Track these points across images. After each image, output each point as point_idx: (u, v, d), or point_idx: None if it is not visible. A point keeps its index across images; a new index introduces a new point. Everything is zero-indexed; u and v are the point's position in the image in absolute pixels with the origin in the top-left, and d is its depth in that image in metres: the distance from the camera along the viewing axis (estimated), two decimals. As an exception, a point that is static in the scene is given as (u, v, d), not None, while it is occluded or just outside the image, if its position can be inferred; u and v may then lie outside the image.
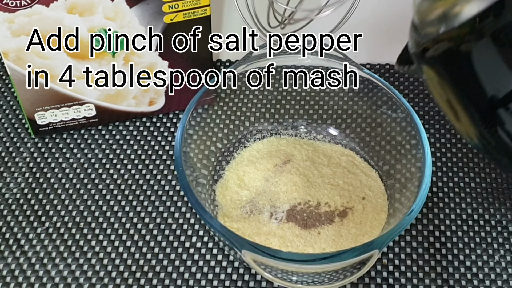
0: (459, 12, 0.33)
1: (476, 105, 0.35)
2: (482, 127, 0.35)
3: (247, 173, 0.63)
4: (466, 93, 0.35)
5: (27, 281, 0.58)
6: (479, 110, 0.35)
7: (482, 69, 0.33)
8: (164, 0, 0.60)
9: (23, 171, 0.66)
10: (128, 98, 0.66)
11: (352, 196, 0.61)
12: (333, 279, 0.54)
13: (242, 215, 0.60)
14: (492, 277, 0.58)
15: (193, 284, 0.58)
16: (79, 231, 0.61)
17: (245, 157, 0.65)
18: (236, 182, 0.63)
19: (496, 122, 0.34)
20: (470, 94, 0.35)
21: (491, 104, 0.33)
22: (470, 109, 0.35)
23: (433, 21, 0.36)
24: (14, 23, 0.57)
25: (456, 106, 0.36)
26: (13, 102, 0.72)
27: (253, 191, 0.62)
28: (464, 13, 0.33)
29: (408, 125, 0.59)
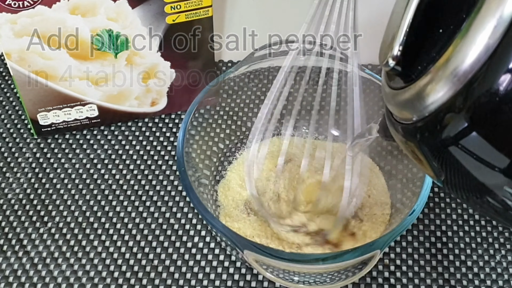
0: (427, 102, 0.33)
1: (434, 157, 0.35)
2: (441, 173, 0.36)
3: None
4: (428, 152, 0.35)
5: (29, 281, 0.58)
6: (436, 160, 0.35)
7: (467, 160, 0.33)
8: (167, 1, 0.60)
9: (26, 171, 0.66)
10: (130, 98, 0.66)
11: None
12: (335, 279, 0.54)
13: (244, 215, 0.60)
14: (493, 277, 0.59)
15: (195, 284, 0.58)
16: (81, 231, 0.61)
17: (247, 157, 0.65)
18: (238, 182, 0.63)
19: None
20: (430, 151, 0.35)
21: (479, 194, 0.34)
22: (430, 162, 0.36)
23: (404, 111, 0.36)
24: (17, 24, 0.58)
25: (422, 159, 0.37)
26: (15, 103, 0.72)
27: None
28: (433, 103, 0.32)
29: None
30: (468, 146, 0.31)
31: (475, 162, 0.32)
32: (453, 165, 0.34)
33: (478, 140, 0.31)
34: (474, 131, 0.31)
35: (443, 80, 0.31)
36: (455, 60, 0.30)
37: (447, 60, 0.31)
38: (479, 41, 0.29)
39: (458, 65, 0.30)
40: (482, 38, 0.29)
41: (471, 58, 0.29)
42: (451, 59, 0.31)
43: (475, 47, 0.29)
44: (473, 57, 0.29)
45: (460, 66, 0.30)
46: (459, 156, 0.32)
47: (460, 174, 0.34)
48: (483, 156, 0.31)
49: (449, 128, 0.32)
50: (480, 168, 0.32)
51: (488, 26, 0.29)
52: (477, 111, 0.30)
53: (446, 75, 0.31)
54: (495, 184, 0.32)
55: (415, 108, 0.34)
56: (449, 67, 0.31)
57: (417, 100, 0.33)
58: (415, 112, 0.34)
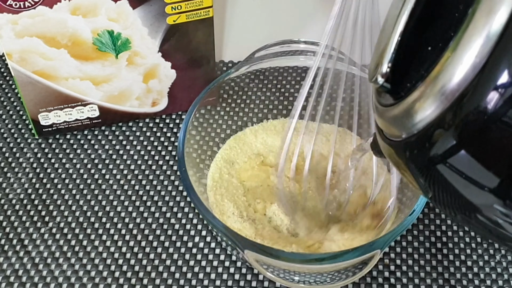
0: (416, 120, 0.33)
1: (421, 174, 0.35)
2: (428, 189, 0.36)
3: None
4: (415, 169, 0.35)
5: (30, 280, 0.58)
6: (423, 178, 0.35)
7: (455, 179, 0.33)
8: (167, 2, 0.60)
9: (27, 171, 0.66)
10: (131, 99, 0.67)
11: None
12: (335, 279, 0.55)
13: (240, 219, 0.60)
14: (493, 277, 0.59)
15: (196, 284, 0.58)
16: (82, 231, 0.62)
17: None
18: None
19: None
20: (418, 168, 0.35)
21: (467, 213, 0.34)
22: (417, 178, 0.36)
23: (393, 128, 0.36)
24: (18, 24, 0.58)
25: (409, 175, 0.37)
26: (17, 103, 0.72)
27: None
28: (421, 120, 0.32)
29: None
30: (456, 164, 0.31)
31: (463, 180, 0.32)
32: (441, 183, 0.34)
33: (467, 158, 0.31)
34: (462, 150, 0.31)
35: (431, 98, 0.31)
36: (443, 78, 0.30)
37: (435, 78, 0.31)
38: (466, 59, 0.29)
39: (445, 83, 0.30)
40: (469, 56, 0.29)
41: (459, 76, 0.29)
42: (438, 77, 0.31)
43: (462, 65, 0.29)
44: (460, 75, 0.29)
45: (448, 84, 0.30)
46: (447, 175, 0.32)
47: (448, 192, 0.34)
48: (472, 175, 0.31)
49: (437, 146, 0.32)
50: (468, 187, 0.32)
51: (475, 44, 0.29)
52: (465, 129, 0.30)
53: (434, 93, 0.31)
54: (484, 203, 0.32)
55: (404, 125, 0.34)
56: (436, 84, 0.31)
57: (405, 117, 0.33)
58: (404, 129, 0.34)
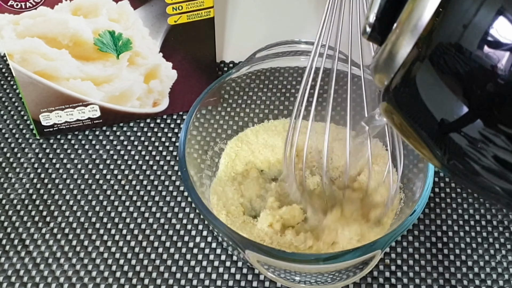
0: (395, 59, 0.35)
1: (430, 134, 0.36)
2: (441, 157, 0.36)
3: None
4: (420, 125, 0.36)
5: (32, 280, 0.58)
6: (433, 138, 0.36)
7: (429, 97, 0.34)
8: (168, 2, 0.60)
9: (28, 171, 0.66)
10: (132, 99, 0.67)
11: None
12: (336, 279, 0.55)
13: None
14: (494, 277, 0.59)
15: (197, 284, 0.58)
16: (83, 231, 0.62)
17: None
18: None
19: (451, 148, 0.35)
20: (424, 125, 0.36)
21: (443, 130, 0.35)
22: (426, 139, 0.37)
23: (380, 76, 0.37)
24: (19, 24, 0.58)
25: (415, 138, 0.37)
26: (18, 103, 0.72)
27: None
28: (399, 56, 0.34)
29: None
30: (430, 85, 0.34)
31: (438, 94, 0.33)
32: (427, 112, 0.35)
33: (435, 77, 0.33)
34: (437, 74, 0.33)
35: (403, 35, 0.33)
36: (411, 15, 0.33)
37: (405, 17, 0.33)
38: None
39: (414, 19, 0.33)
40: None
41: (425, 11, 0.32)
42: (408, 16, 0.33)
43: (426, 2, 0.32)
44: (425, 11, 0.32)
45: (416, 19, 0.33)
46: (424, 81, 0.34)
47: (464, 155, 0.35)
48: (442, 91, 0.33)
49: (416, 74, 0.34)
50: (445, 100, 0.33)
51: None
52: (436, 52, 0.32)
53: (405, 30, 0.33)
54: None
55: (386, 69, 0.35)
56: (407, 22, 0.33)
57: (386, 61, 0.35)
58: (387, 73, 0.35)
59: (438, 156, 0.37)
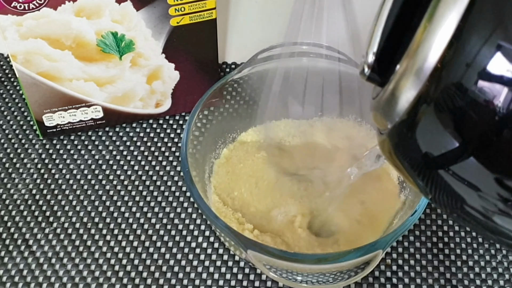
0: (396, 105, 0.32)
1: (417, 170, 0.35)
2: (426, 193, 0.35)
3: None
4: (412, 162, 0.35)
5: (35, 280, 0.59)
6: (420, 175, 0.35)
7: (429, 142, 0.32)
8: (171, 3, 0.60)
9: (31, 172, 0.66)
10: (135, 100, 0.67)
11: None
12: (337, 278, 0.55)
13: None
14: (494, 277, 0.59)
15: (199, 284, 0.58)
16: (86, 232, 0.62)
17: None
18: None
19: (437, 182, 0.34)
20: (414, 162, 0.35)
21: (430, 165, 0.33)
22: (415, 177, 0.35)
23: (380, 116, 0.35)
24: (23, 26, 0.58)
25: (406, 176, 0.36)
26: (21, 104, 0.72)
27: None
28: (400, 105, 0.32)
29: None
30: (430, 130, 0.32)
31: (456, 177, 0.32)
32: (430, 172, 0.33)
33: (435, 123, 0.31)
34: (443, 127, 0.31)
35: (407, 79, 0.31)
36: (416, 56, 0.31)
37: (410, 57, 0.31)
38: (438, 36, 0.29)
39: (419, 60, 0.30)
40: (441, 33, 0.29)
41: (431, 52, 0.30)
42: (407, 61, 0.31)
43: (434, 41, 0.30)
44: (431, 51, 0.30)
45: (418, 67, 0.30)
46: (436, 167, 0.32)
47: (441, 185, 0.33)
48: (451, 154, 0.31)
49: (422, 119, 0.32)
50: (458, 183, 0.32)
51: (443, 23, 0.29)
52: (441, 99, 0.30)
53: (409, 73, 0.31)
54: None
55: (388, 113, 0.33)
56: (412, 63, 0.31)
57: (388, 104, 0.33)
58: (389, 117, 0.34)
59: (423, 191, 0.36)
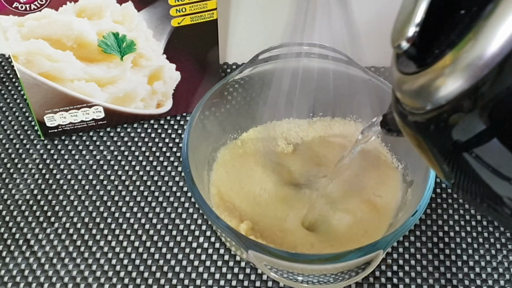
0: (444, 89, 0.30)
1: (444, 156, 0.33)
2: (449, 175, 0.34)
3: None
4: (439, 151, 0.33)
5: (36, 280, 0.59)
6: (446, 161, 0.33)
7: (460, 134, 0.30)
8: (172, 4, 0.60)
9: (33, 172, 0.66)
10: (136, 100, 0.67)
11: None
12: (338, 279, 0.55)
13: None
14: (495, 277, 0.59)
15: (200, 284, 0.59)
16: (88, 232, 0.62)
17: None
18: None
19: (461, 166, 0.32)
20: (441, 151, 0.33)
21: (455, 153, 0.31)
22: (440, 161, 0.33)
23: (412, 97, 0.33)
24: (24, 26, 0.58)
25: (431, 158, 0.34)
26: (22, 105, 0.72)
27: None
28: (450, 90, 0.29)
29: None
30: (485, 152, 0.29)
31: (490, 171, 0.30)
32: (466, 167, 0.31)
33: (497, 147, 0.28)
34: (494, 137, 0.28)
35: (462, 67, 0.28)
36: (477, 46, 0.27)
37: (468, 46, 0.28)
38: (504, 29, 0.26)
39: (480, 52, 0.27)
40: (508, 26, 0.26)
41: (496, 45, 0.27)
42: (471, 46, 0.28)
43: (501, 33, 0.26)
44: (498, 44, 0.26)
45: (483, 53, 0.27)
46: (473, 161, 0.30)
47: (474, 180, 0.32)
48: (500, 164, 0.29)
49: (465, 124, 0.29)
50: (496, 177, 0.30)
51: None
52: (497, 109, 0.27)
53: (465, 62, 0.28)
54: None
55: (430, 95, 0.31)
56: (468, 54, 0.28)
57: (432, 87, 0.30)
58: (430, 100, 0.31)
59: (447, 176, 0.34)
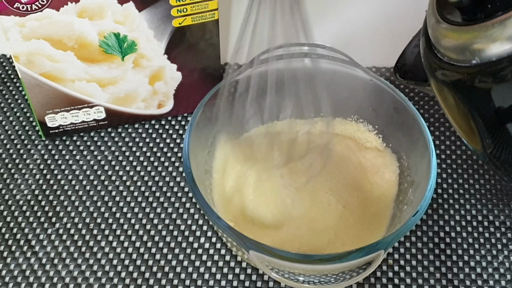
0: (492, 49, 0.29)
1: (486, 123, 0.32)
2: (490, 143, 0.33)
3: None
4: (480, 115, 0.32)
5: (37, 281, 0.59)
6: (488, 127, 0.32)
7: (501, 100, 0.30)
8: (173, 4, 0.60)
9: (34, 173, 0.66)
10: (137, 101, 0.67)
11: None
12: (339, 279, 0.55)
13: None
14: (496, 277, 0.59)
15: (202, 284, 0.59)
16: (89, 232, 0.62)
17: None
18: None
19: (503, 137, 0.32)
20: (483, 115, 0.32)
21: (500, 120, 0.31)
22: (480, 126, 0.33)
23: (458, 49, 0.32)
24: (25, 27, 0.58)
25: (467, 123, 0.33)
26: (24, 105, 0.72)
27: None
28: (497, 51, 0.29)
29: (414, 128, 0.59)
30: None
31: None
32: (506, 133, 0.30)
33: None
34: None
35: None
36: None
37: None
38: None
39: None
40: None
41: None
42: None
43: None
44: None
45: None
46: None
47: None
48: None
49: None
50: None
51: None
52: None
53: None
54: None
55: (481, 49, 0.30)
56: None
57: (484, 42, 0.30)
58: (479, 54, 0.30)
59: (485, 144, 0.33)
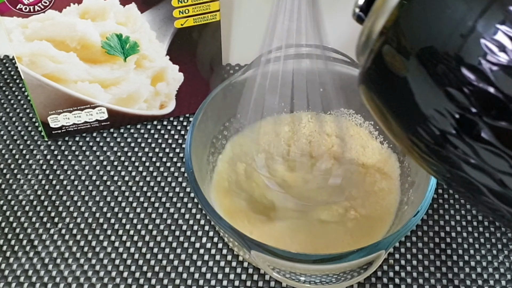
0: (372, 31, 0.38)
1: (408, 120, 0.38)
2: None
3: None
4: (397, 111, 0.39)
5: (40, 281, 0.59)
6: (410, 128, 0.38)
7: (416, 89, 0.36)
8: (175, 5, 0.61)
9: (37, 173, 0.67)
10: (139, 101, 0.67)
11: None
12: (340, 279, 0.55)
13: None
14: (496, 277, 0.59)
15: (203, 284, 0.59)
16: (91, 232, 0.62)
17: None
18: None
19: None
20: (401, 111, 0.38)
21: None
22: (402, 124, 0.39)
23: (361, 51, 0.40)
24: (28, 28, 0.58)
25: (389, 120, 0.40)
26: (26, 106, 0.73)
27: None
28: (375, 30, 0.37)
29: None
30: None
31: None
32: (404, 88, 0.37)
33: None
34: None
35: (377, 14, 0.37)
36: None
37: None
38: None
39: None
40: None
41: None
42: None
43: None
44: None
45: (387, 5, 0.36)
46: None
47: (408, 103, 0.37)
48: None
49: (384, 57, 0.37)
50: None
51: None
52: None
53: (380, 9, 0.37)
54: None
55: (363, 48, 0.39)
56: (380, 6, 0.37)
57: (362, 40, 0.39)
58: (363, 53, 0.39)
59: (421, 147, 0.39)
